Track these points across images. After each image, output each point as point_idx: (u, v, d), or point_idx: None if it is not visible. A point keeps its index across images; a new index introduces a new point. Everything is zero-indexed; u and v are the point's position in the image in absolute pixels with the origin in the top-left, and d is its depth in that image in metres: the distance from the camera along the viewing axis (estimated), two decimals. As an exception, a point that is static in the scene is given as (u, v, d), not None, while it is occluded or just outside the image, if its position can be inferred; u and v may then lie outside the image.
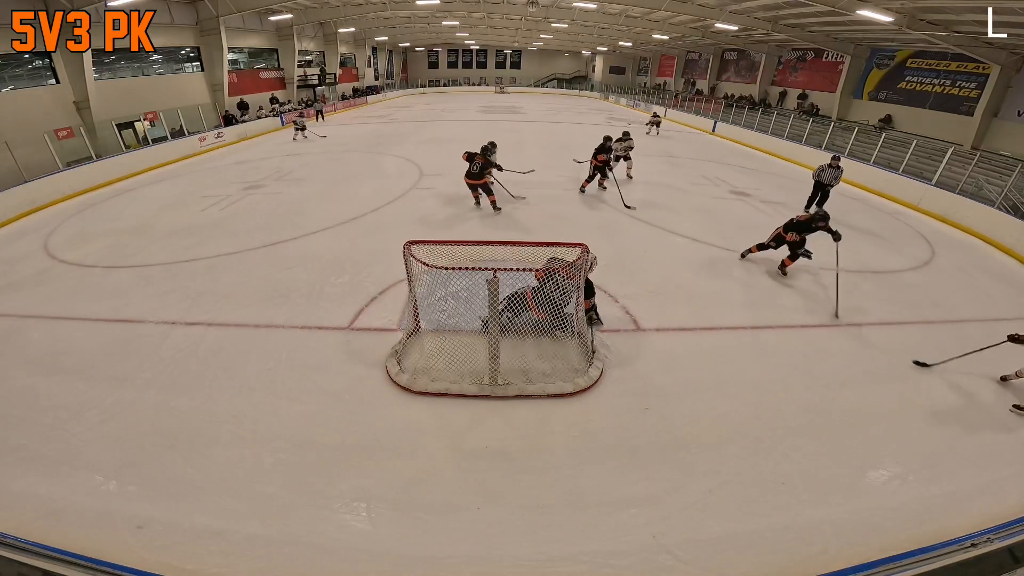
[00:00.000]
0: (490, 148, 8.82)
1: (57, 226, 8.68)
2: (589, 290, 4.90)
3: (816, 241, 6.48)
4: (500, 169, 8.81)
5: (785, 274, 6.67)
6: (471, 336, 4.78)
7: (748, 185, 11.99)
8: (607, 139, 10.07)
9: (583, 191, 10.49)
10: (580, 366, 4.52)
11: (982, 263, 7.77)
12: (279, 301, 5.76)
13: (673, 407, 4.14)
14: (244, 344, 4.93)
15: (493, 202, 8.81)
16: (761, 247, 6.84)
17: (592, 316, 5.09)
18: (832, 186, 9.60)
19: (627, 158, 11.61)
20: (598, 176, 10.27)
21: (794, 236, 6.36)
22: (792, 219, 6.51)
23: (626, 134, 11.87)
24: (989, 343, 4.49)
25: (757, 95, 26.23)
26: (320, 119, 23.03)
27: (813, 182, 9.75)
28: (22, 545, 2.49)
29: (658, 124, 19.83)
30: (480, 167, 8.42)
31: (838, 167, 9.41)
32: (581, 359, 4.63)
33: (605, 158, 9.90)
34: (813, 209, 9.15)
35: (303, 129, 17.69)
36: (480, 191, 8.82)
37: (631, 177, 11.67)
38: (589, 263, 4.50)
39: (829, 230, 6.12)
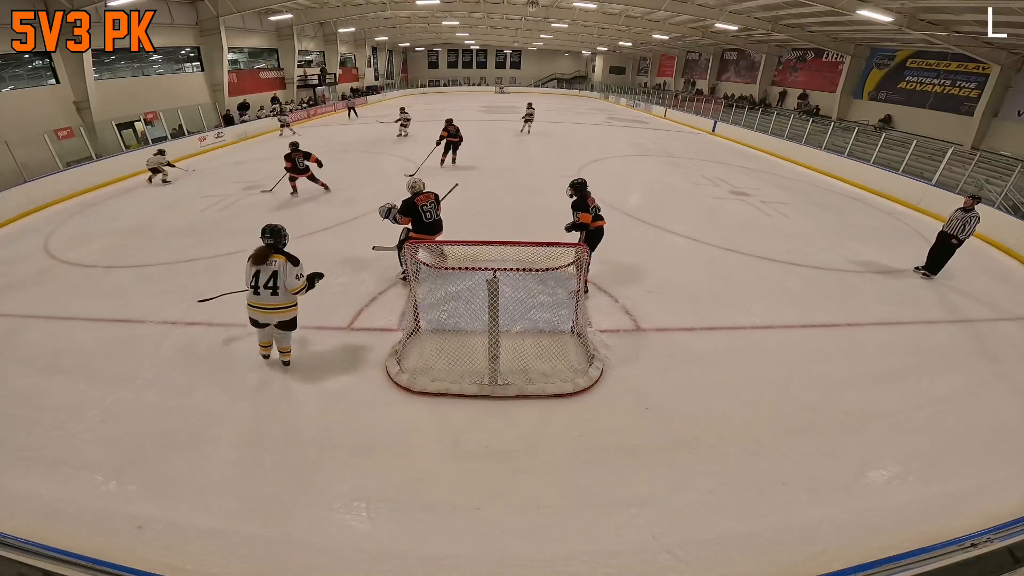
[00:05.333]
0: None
1: (57, 226, 8.68)
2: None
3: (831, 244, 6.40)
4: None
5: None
6: (471, 336, 4.77)
7: (748, 185, 11.99)
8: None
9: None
10: (580, 366, 4.52)
11: (982, 263, 7.75)
12: (279, 301, 5.75)
13: (673, 407, 4.14)
14: (244, 344, 4.92)
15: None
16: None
17: None
18: (954, 236, 6.55)
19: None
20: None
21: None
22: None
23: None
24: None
25: (757, 95, 26.23)
26: (354, 115, 23.86)
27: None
28: (22, 545, 2.48)
29: (530, 119, 18.29)
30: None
31: (968, 210, 6.45)
32: (581, 359, 4.63)
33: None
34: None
35: (286, 126, 18.28)
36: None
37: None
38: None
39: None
